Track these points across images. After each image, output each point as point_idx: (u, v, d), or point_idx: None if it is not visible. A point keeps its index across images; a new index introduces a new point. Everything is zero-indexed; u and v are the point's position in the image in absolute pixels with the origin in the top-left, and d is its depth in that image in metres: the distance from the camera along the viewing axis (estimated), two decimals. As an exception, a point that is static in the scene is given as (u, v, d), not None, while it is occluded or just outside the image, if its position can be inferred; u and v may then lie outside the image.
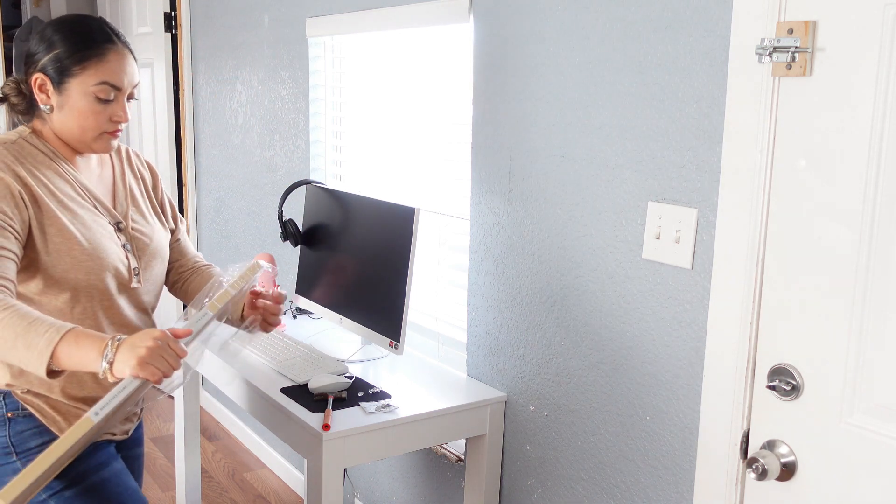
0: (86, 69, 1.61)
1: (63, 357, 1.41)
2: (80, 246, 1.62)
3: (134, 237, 1.75)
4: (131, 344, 1.40)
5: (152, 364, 1.39)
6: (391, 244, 2.24)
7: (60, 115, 1.65)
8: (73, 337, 1.41)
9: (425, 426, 2.05)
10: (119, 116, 1.67)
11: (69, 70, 1.61)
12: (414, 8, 2.34)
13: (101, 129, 1.66)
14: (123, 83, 1.65)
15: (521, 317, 2.11)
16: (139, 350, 1.39)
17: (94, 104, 1.63)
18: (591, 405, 1.93)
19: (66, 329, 1.42)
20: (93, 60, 1.62)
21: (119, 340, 1.42)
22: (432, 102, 2.49)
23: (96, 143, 1.68)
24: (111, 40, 1.65)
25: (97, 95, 1.62)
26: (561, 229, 1.96)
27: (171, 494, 3.27)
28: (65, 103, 1.64)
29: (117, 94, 1.65)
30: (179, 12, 3.81)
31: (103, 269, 1.66)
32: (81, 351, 1.41)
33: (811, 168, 1.39)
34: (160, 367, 1.40)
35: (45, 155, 1.66)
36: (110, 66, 1.63)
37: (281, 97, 3.14)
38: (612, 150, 1.81)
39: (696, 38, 1.61)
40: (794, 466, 1.47)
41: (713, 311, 1.59)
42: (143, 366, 1.39)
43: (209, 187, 3.83)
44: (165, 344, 1.42)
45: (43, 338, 1.40)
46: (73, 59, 1.61)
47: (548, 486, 2.08)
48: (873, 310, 1.34)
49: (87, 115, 1.64)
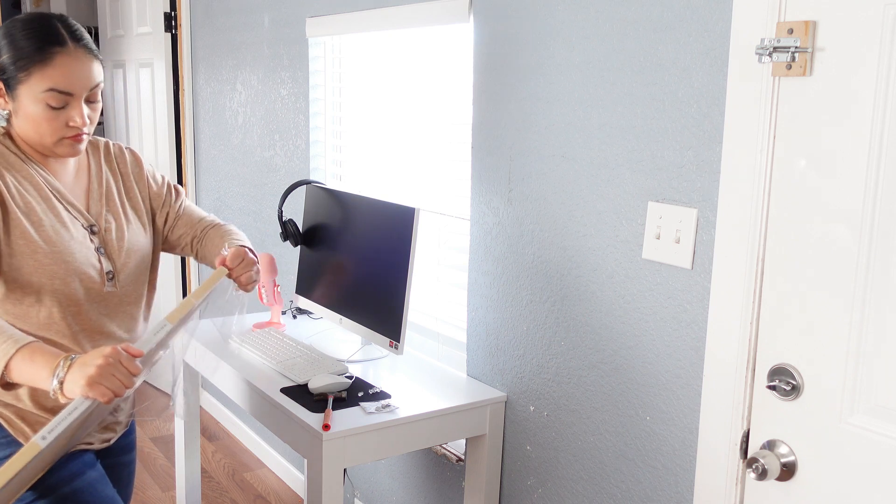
0: (31, 75, 1.53)
1: (16, 372, 1.39)
2: (44, 250, 1.58)
3: (107, 240, 1.70)
4: (82, 363, 1.37)
5: (102, 384, 1.36)
6: (391, 244, 2.24)
7: (17, 121, 1.59)
8: (28, 352, 1.39)
9: (425, 426, 2.05)
10: (75, 121, 1.58)
11: (15, 77, 1.54)
12: (414, 8, 2.34)
13: (59, 134, 1.59)
14: (75, 88, 1.56)
15: (521, 317, 2.11)
16: (89, 369, 1.36)
17: (46, 111, 1.55)
18: (591, 405, 1.93)
19: (23, 343, 1.39)
20: (37, 66, 1.52)
21: (72, 359, 1.38)
22: (432, 102, 2.49)
23: (58, 148, 1.61)
24: (60, 42, 1.54)
25: (47, 102, 1.54)
26: (561, 229, 1.96)
27: (171, 494, 3.27)
28: (19, 109, 1.57)
29: (70, 99, 1.56)
30: (179, 12, 3.80)
31: (68, 274, 1.61)
32: (34, 367, 1.38)
33: (811, 168, 1.39)
34: (110, 387, 1.36)
35: (16, 157, 1.61)
36: (57, 71, 1.53)
37: (281, 97, 3.14)
38: (612, 150, 1.81)
39: (696, 38, 1.61)
40: (794, 466, 1.47)
41: (713, 311, 1.59)
42: (92, 385, 1.35)
43: (209, 187, 3.83)
44: (116, 361, 1.38)
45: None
46: (17, 65, 1.53)
47: (548, 486, 2.08)
48: (873, 310, 1.34)
49: (40, 122, 1.56)
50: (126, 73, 4.30)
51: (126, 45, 4.19)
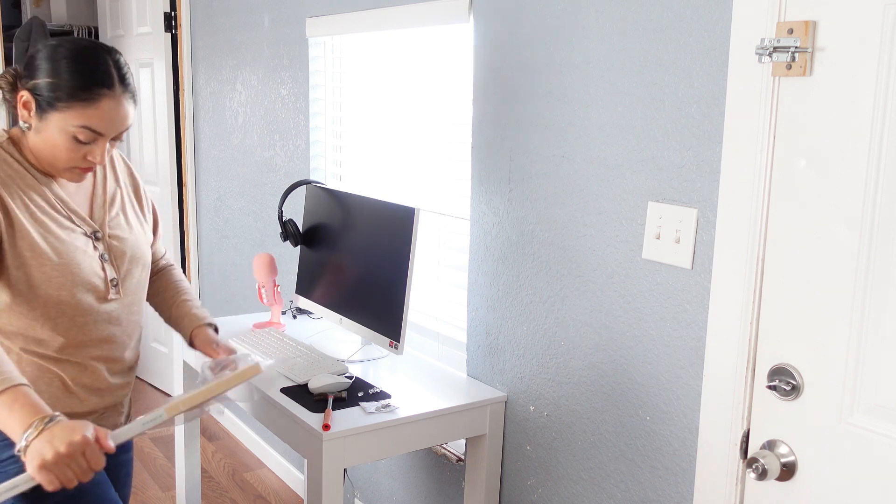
0: (71, 108, 1.52)
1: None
2: (51, 262, 1.57)
3: (112, 245, 1.69)
4: (50, 437, 1.33)
5: (53, 472, 1.32)
6: (391, 244, 2.24)
7: (36, 137, 1.57)
8: (10, 398, 1.36)
9: (425, 426, 2.05)
10: (95, 159, 1.58)
11: (54, 104, 1.53)
12: (414, 8, 2.34)
13: (74, 164, 1.58)
14: (108, 130, 1.56)
15: (521, 317, 2.11)
16: (48, 452, 1.32)
17: (71, 142, 1.55)
18: (591, 405, 1.93)
19: (7, 385, 1.37)
20: (80, 103, 1.52)
21: (47, 424, 1.35)
22: (432, 102, 2.49)
23: (66, 173, 1.61)
24: (110, 85, 1.54)
25: (76, 136, 1.54)
26: (561, 229, 1.96)
27: (171, 494, 3.27)
28: (42, 130, 1.56)
29: (98, 137, 1.57)
30: (179, 12, 3.80)
31: (75, 285, 1.60)
32: (11, 418, 1.36)
33: (811, 168, 1.39)
34: (61, 478, 1.33)
35: (20, 164, 1.60)
36: (98, 112, 1.54)
37: (281, 97, 3.14)
38: (612, 150, 1.81)
39: (696, 38, 1.61)
40: (794, 466, 1.47)
41: (713, 311, 1.59)
42: (42, 470, 1.32)
43: (209, 187, 3.83)
44: (80, 453, 1.34)
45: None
46: (63, 93, 1.52)
47: (548, 486, 2.08)
48: (873, 310, 1.34)
49: (60, 150, 1.56)
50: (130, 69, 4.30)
51: (126, 45, 4.19)
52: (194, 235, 4.02)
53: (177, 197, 4.02)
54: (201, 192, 3.93)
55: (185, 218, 4.02)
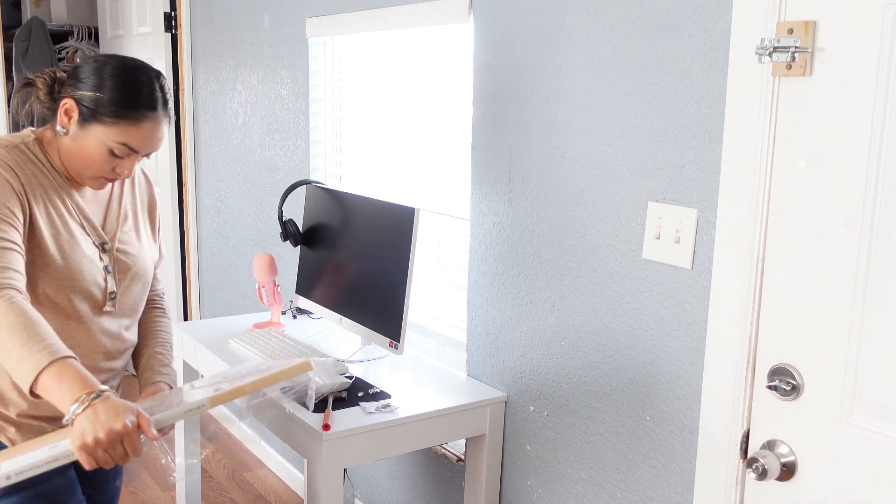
0: (117, 125, 1.58)
1: (43, 386, 1.37)
2: (56, 264, 1.59)
3: (118, 259, 1.71)
4: (95, 415, 1.34)
5: (94, 455, 1.34)
6: (391, 244, 2.24)
7: (70, 144, 1.61)
8: (57, 370, 1.37)
9: (425, 426, 2.05)
10: (123, 172, 1.64)
11: (100, 118, 1.58)
12: (414, 8, 2.34)
13: (101, 174, 1.63)
14: (144, 149, 1.63)
15: (521, 317, 2.11)
16: (92, 432, 1.33)
17: (106, 155, 1.60)
18: (591, 405, 1.93)
19: (57, 356, 1.38)
20: (126, 122, 1.58)
21: (93, 401, 1.36)
22: (432, 103, 2.49)
23: (91, 181, 1.65)
24: (154, 108, 1.61)
25: (112, 150, 1.59)
26: (561, 229, 1.96)
27: (171, 494, 3.27)
28: (80, 139, 1.60)
29: (133, 154, 1.63)
30: (179, 12, 3.81)
31: (74, 291, 1.62)
32: (60, 390, 1.37)
33: (811, 168, 1.39)
34: (100, 460, 1.35)
35: (43, 166, 1.63)
36: (140, 132, 1.60)
37: (281, 97, 3.14)
38: (612, 150, 1.81)
39: (696, 38, 1.61)
40: (794, 466, 1.47)
41: (713, 311, 1.59)
42: (84, 450, 1.34)
43: (209, 187, 3.83)
44: (119, 441, 1.35)
45: (33, 359, 1.37)
46: (110, 110, 1.58)
47: (548, 486, 2.08)
48: (873, 310, 1.34)
49: (94, 160, 1.61)
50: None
51: (126, 45, 4.19)
52: (194, 235, 4.02)
53: (177, 197, 4.02)
54: (201, 192, 3.93)
55: (185, 218, 4.02)
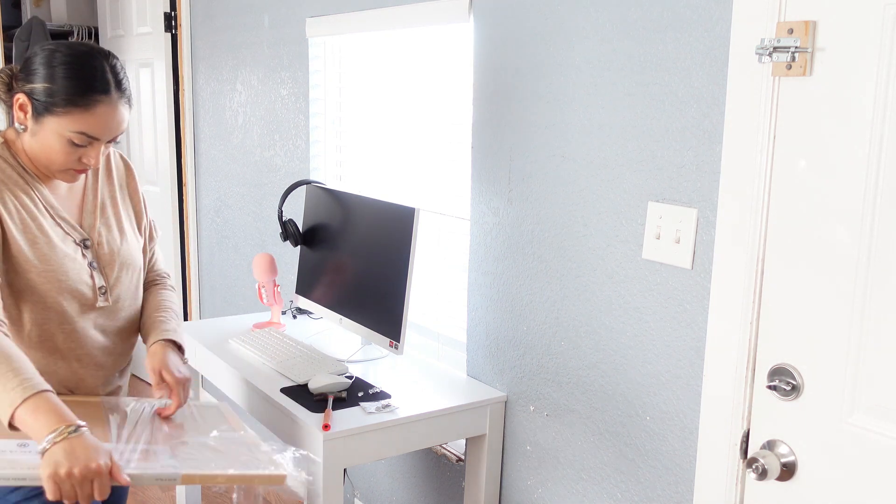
0: (69, 114, 1.54)
1: (18, 421, 1.39)
2: (37, 268, 1.58)
3: (101, 254, 1.69)
4: (72, 449, 1.35)
5: (61, 486, 1.34)
6: (391, 244, 2.24)
7: (31, 140, 1.58)
8: (33, 405, 1.38)
9: (425, 426, 2.05)
10: (90, 162, 1.59)
11: (52, 109, 1.54)
12: (414, 8, 2.34)
13: (69, 166, 1.59)
14: (104, 135, 1.58)
15: (521, 317, 2.11)
16: (63, 467, 1.34)
17: (67, 146, 1.56)
18: (591, 405, 1.93)
19: (31, 392, 1.39)
20: (78, 109, 1.53)
21: (70, 434, 1.37)
22: (432, 103, 2.49)
23: (61, 175, 1.62)
24: (107, 91, 1.56)
25: (72, 140, 1.55)
26: (561, 229, 1.96)
27: (171, 494, 3.27)
28: (38, 133, 1.57)
29: (94, 141, 1.58)
30: (179, 12, 3.80)
31: (61, 293, 1.61)
32: (37, 422, 1.38)
33: (811, 168, 1.39)
34: (64, 493, 1.35)
35: (11, 168, 1.60)
36: (95, 119, 1.55)
37: (281, 97, 3.14)
38: (612, 150, 1.81)
39: (696, 38, 1.61)
40: (794, 466, 1.47)
41: (713, 311, 1.59)
42: (53, 480, 1.34)
43: (209, 187, 3.83)
44: (90, 480, 1.35)
45: (8, 396, 1.38)
46: (60, 99, 1.53)
47: (548, 486, 2.08)
48: (873, 310, 1.34)
49: (56, 153, 1.57)
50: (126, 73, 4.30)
51: (126, 45, 4.19)
52: (194, 235, 4.02)
53: (177, 197, 4.01)
54: (201, 193, 3.93)
55: (185, 218, 4.02)
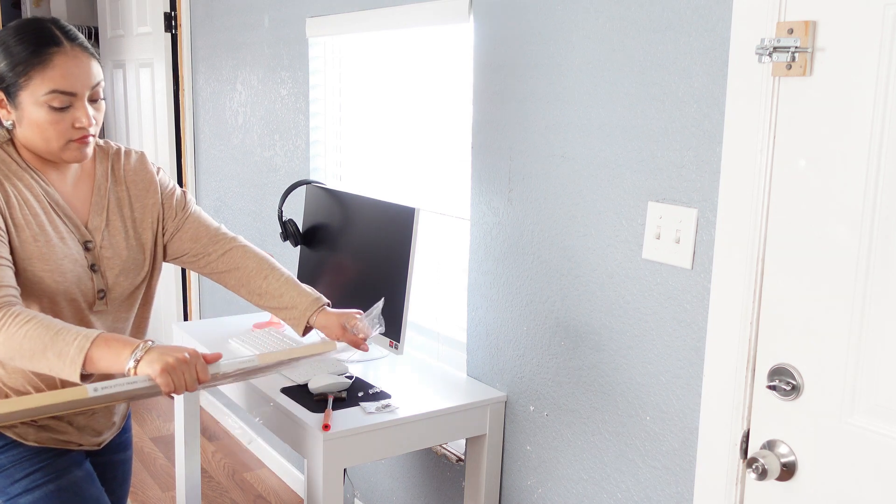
0: (31, 79, 1.51)
1: (94, 361, 1.43)
2: (37, 266, 1.58)
3: (103, 257, 1.67)
4: (163, 350, 1.43)
5: (172, 375, 1.42)
6: (391, 244, 2.24)
7: (22, 129, 1.56)
8: (102, 341, 1.44)
9: (425, 426, 2.05)
10: (81, 122, 1.55)
11: (16, 84, 1.52)
12: (414, 8, 2.34)
13: (66, 137, 1.56)
14: (76, 87, 1.53)
15: (521, 317, 2.11)
16: (168, 357, 1.42)
17: (51, 113, 1.52)
18: (591, 405, 1.93)
19: (94, 335, 1.44)
20: (36, 69, 1.50)
21: (151, 345, 1.45)
22: (432, 102, 2.49)
23: (65, 153, 1.58)
24: (56, 42, 1.52)
25: (50, 104, 1.52)
26: (561, 229, 1.96)
27: (171, 494, 3.27)
28: (22, 117, 1.55)
29: (73, 99, 1.54)
30: (179, 12, 3.81)
31: (58, 293, 1.60)
32: (112, 352, 1.43)
33: (811, 168, 1.39)
34: (177, 381, 1.42)
35: (17, 166, 1.59)
36: (57, 71, 1.51)
37: (281, 97, 3.14)
38: (612, 150, 1.81)
39: (696, 38, 1.61)
40: (794, 466, 1.47)
41: (713, 311, 1.59)
42: (164, 372, 1.41)
43: (209, 187, 3.83)
44: (192, 364, 1.44)
45: (73, 345, 1.42)
46: (16, 71, 1.51)
47: (548, 486, 2.08)
48: (873, 310, 1.34)
49: (45, 127, 1.53)
50: (126, 73, 4.30)
51: (126, 45, 4.19)
52: (194, 235, 4.01)
53: (177, 197, 4.01)
54: (201, 193, 3.93)
55: (185, 218, 4.02)
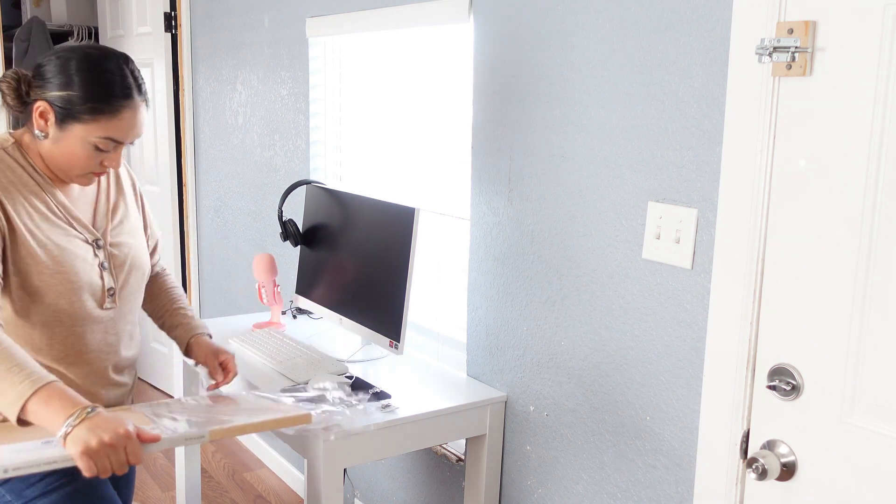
0: (96, 121, 1.55)
1: (31, 413, 1.39)
2: (49, 269, 1.58)
3: (112, 254, 1.70)
4: (93, 426, 1.37)
5: (94, 460, 1.36)
6: (391, 244, 2.24)
7: (52, 146, 1.59)
8: (45, 395, 1.39)
9: (425, 426, 2.05)
10: (112, 165, 1.62)
11: (77, 116, 1.55)
12: (414, 8, 2.34)
13: (90, 169, 1.61)
14: (128, 139, 1.61)
15: (521, 317, 2.11)
16: (92, 439, 1.35)
17: (91, 151, 1.58)
18: (591, 405, 1.93)
19: (41, 384, 1.39)
20: (105, 115, 1.55)
21: (89, 414, 1.38)
22: (432, 103, 2.49)
23: (79, 179, 1.63)
24: (130, 95, 1.59)
25: (97, 146, 1.57)
26: (561, 229, 1.96)
27: (171, 494, 3.27)
28: (61, 139, 1.57)
29: (117, 145, 1.61)
30: (179, 12, 3.80)
31: (72, 293, 1.61)
32: (50, 411, 1.38)
33: (811, 168, 1.39)
34: (99, 466, 1.37)
35: (23, 170, 1.60)
36: (121, 123, 1.57)
37: (281, 97, 3.14)
38: (612, 150, 1.81)
39: (696, 38, 1.61)
40: (794, 466, 1.47)
41: (713, 311, 1.59)
42: (84, 456, 1.35)
43: (209, 187, 3.83)
44: (121, 446, 1.37)
45: (16, 390, 1.38)
46: (86, 108, 1.54)
47: (548, 486, 2.08)
48: (873, 310, 1.34)
49: (79, 158, 1.59)
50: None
51: (126, 45, 4.19)
52: (194, 236, 4.02)
53: (177, 197, 4.01)
54: (201, 193, 3.93)
55: (185, 218, 4.02)
